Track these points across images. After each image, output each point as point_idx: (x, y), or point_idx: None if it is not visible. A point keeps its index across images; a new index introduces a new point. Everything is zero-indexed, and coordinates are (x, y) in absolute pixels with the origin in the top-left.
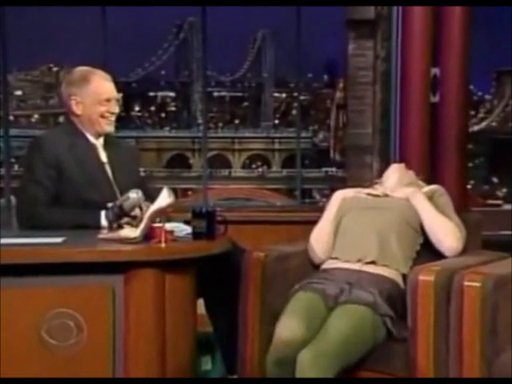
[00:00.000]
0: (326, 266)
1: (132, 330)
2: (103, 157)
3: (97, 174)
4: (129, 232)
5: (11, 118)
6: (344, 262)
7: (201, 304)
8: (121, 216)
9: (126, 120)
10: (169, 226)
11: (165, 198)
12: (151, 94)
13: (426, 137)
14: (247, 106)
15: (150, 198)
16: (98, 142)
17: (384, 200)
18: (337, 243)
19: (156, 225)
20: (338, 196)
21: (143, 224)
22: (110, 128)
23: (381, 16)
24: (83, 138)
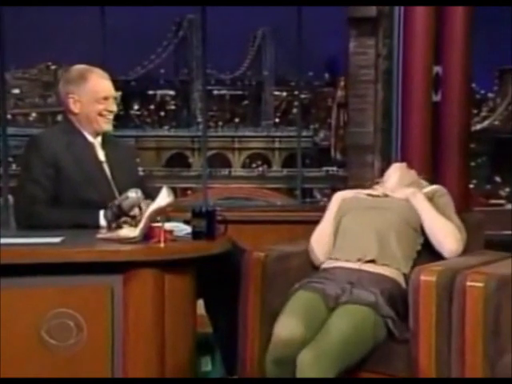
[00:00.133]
0: (326, 265)
1: (131, 331)
2: (101, 156)
3: (95, 173)
4: (128, 232)
5: (9, 116)
6: (344, 261)
7: (200, 304)
8: (120, 216)
9: (125, 119)
10: (168, 226)
11: (164, 197)
12: (150, 92)
13: (427, 136)
14: (247, 104)
15: (150, 197)
16: (96, 141)
17: (384, 200)
18: (337, 243)
19: (155, 224)
20: (338, 197)
21: (142, 224)
22: (108, 126)
23: (382, 13)
24: (81, 137)
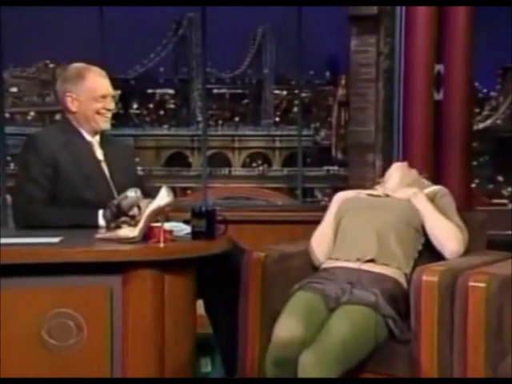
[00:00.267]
0: (326, 265)
1: (130, 331)
2: (99, 155)
3: (93, 172)
4: (127, 231)
5: (7, 115)
6: (344, 261)
7: (200, 305)
8: (119, 215)
9: (124, 118)
10: (168, 226)
11: (163, 197)
12: (150, 91)
13: (429, 135)
14: (247, 103)
15: (149, 197)
16: (95, 140)
17: (385, 200)
18: (337, 243)
19: (155, 224)
20: (339, 197)
21: (142, 223)
22: (106, 125)
23: (384, 11)
24: (79, 136)
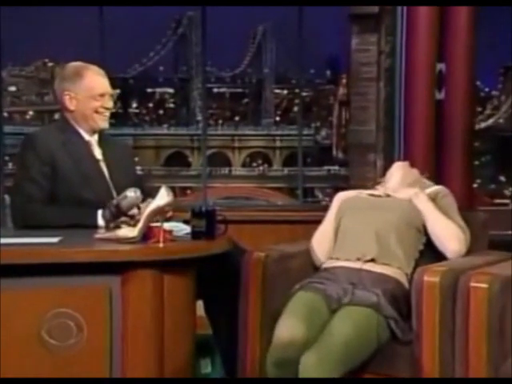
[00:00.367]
0: (326, 265)
1: (130, 332)
2: (98, 154)
3: (92, 172)
4: (127, 231)
5: (5, 114)
6: (344, 261)
7: (200, 305)
8: (118, 215)
9: (123, 117)
10: (167, 226)
11: (163, 197)
12: (149, 90)
13: (430, 134)
14: (247, 102)
15: (148, 196)
16: (93, 139)
17: (385, 200)
18: (337, 243)
19: (154, 224)
20: (339, 197)
21: (141, 223)
22: (104, 124)
23: (385, 10)
24: (77, 135)
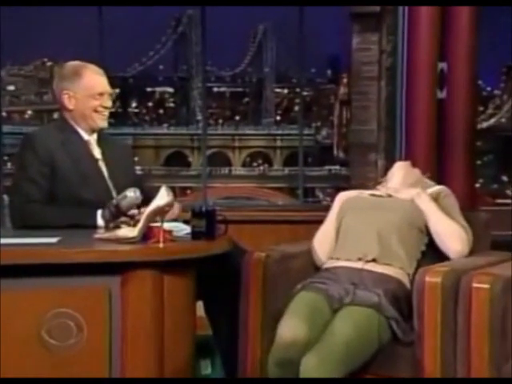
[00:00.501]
0: (327, 265)
1: (129, 332)
2: (97, 153)
3: (91, 171)
4: (126, 232)
5: (4, 114)
6: (345, 260)
7: (200, 306)
8: (118, 215)
9: (123, 116)
10: (167, 226)
11: (163, 197)
12: (149, 89)
13: (432, 134)
14: (248, 101)
15: (148, 196)
16: (92, 138)
17: (387, 200)
18: (338, 243)
19: (154, 224)
20: (341, 197)
21: (141, 223)
22: (103, 123)
23: (386, 9)
24: (76, 135)
